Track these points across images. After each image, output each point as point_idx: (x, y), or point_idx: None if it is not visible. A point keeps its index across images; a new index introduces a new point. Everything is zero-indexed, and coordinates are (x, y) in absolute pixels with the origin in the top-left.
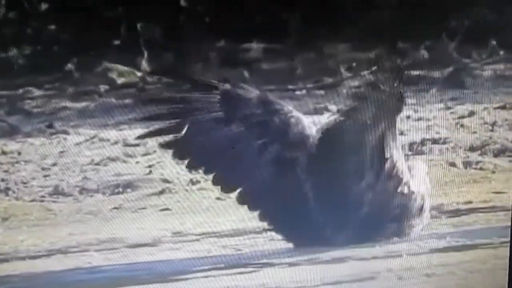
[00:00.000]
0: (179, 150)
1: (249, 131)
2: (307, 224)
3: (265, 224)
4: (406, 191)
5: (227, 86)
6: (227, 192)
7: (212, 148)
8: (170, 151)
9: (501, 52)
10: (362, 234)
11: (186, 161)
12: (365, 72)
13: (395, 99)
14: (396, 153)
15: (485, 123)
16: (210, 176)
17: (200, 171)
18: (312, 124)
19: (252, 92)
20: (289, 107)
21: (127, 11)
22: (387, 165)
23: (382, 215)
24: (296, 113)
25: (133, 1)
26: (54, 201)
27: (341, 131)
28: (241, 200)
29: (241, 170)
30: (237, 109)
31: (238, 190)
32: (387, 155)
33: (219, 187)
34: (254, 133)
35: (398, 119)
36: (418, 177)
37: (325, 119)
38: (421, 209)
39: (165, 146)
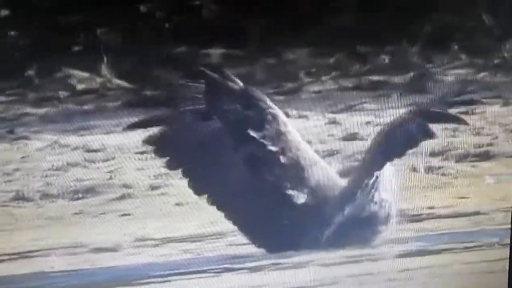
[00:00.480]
0: (159, 149)
1: (226, 128)
2: (275, 226)
3: (225, 229)
4: (376, 197)
5: (214, 75)
6: (198, 194)
7: (190, 147)
8: (152, 148)
9: (463, 57)
10: (330, 239)
11: (165, 160)
12: (326, 77)
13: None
14: None
15: (446, 128)
16: (186, 180)
17: (179, 171)
18: (288, 121)
19: (236, 84)
20: (269, 103)
21: (87, 18)
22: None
23: (352, 220)
24: (274, 110)
25: (92, 8)
26: (16, 206)
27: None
28: (211, 200)
29: (214, 172)
30: (219, 103)
31: (210, 193)
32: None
33: (191, 191)
34: (230, 132)
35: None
36: (386, 183)
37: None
38: (388, 216)
39: (146, 142)
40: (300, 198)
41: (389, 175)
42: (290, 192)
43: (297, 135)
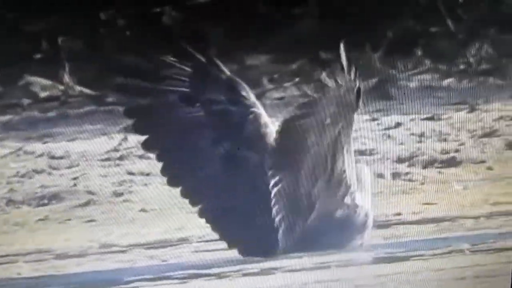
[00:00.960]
0: (140, 123)
1: (207, 118)
2: (249, 229)
3: (191, 235)
4: (350, 202)
5: (202, 59)
6: (172, 186)
7: (170, 131)
8: (131, 121)
9: (427, 62)
10: (306, 243)
11: (143, 138)
12: (288, 84)
13: (351, 96)
14: (348, 158)
15: (413, 134)
16: (160, 164)
17: (153, 154)
18: (270, 123)
19: (223, 73)
20: (253, 99)
21: (48, 25)
22: (337, 170)
23: (326, 225)
24: (258, 109)
25: (53, 15)
26: None
27: (298, 131)
28: (184, 193)
29: (190, 162)
30: (204, 89)
31: (183, 185)
32: (340, 159)
33: (166, 178)
34: (212, 123)
35: (353, 120)
36: (364, 189)
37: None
38: (364, 224)
39: (127, 114)
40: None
41: (368, 180)
42: (265, 194)
43: None
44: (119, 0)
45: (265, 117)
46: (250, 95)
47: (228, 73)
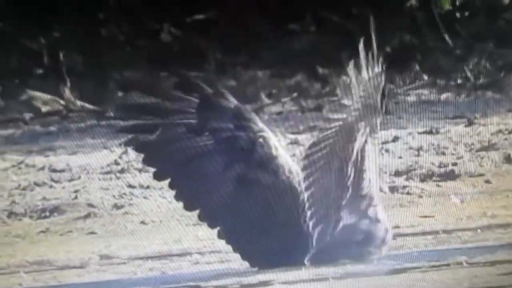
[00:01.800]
0: (150, 156)
1: (217, 146)
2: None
3: (190, 248)
4: (373, 215)
5: (209, 91)
6: (189, 210)
7: (180, 160)
8: (141, 155)
9: (425, 77)
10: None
11: (153, 170)
12: (286, 99)
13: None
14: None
15: (411, 148)
16: (173, 191)
17: (166, 182)
18: (279, 145)
19: (230, 103)
20: (261, 125)
21: (49, 40)
22: (363, 180)
23: (350, 237)
24: (267, 133)
25: (55, 31)
26: None
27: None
28: (202, 217)
29: (204, 187)
30: (211, 119)
31: (199, 209)
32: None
33: (181, 203)
34: (222, 149)
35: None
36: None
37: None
38: (384, 239)
39: (138, 149)
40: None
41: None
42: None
43: (288, 159)
44: (120, 17)
45: (274, 140)
46: (257, 120)
47: (235, 101)
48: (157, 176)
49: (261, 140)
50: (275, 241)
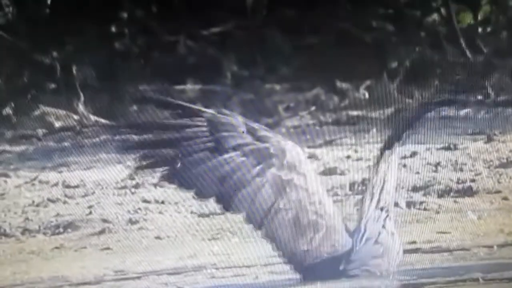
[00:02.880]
0: (182, 183)
1: (246, 158)
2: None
3: (205, 262)
4: (389, 228)
5: (211, 112)
6: (235, 214)
7: (213, 176)
8: (173, 186)
9: (445, 92)
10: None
11: (192, 191)
12: (304, 112)
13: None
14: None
15: (429, 163)
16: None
17: (210, 200)
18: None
19: (237, 120)
20: (275, 137)
21: (63, 55)
22: (384, 190)
23: (370, 249)
24: (285, 143)
25: (68, 45)
26: None
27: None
28: (248, 220)
29: (243, 195)
30: (228, 138)
31: (244, 213)
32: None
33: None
34: (251, 160)
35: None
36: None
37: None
38: (398, 251)
39: (167, 180)
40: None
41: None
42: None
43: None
44: (134, 30)
45: (295, 149)
46: (268, 133)
47: (242, 118)
48: (198, 196)
49: (278, 151)
50: (318, 246)
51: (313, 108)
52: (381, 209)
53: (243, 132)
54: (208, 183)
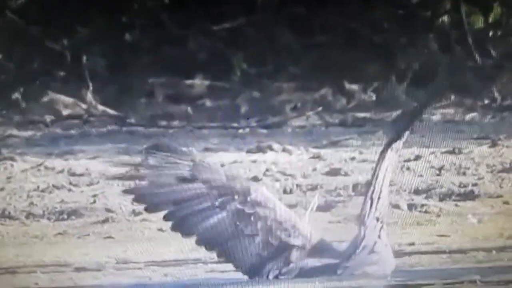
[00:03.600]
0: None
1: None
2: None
3: (205, 256)
4: (383, 237)
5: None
6: (185, 237)
7: (172, 197)
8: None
9: (452, 96)
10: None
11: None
12: (311, 112)
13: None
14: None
15: (432, 167)
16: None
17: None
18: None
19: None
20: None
21: (73, 44)
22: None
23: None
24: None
25: (79, 34)
26: (1, 224)
27: None
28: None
29: (200, 220)
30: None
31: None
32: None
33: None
34: (216, 194)
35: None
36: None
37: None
38: (391, 262)
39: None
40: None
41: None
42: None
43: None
44: (145, 22)
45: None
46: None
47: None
48: (150, 210)
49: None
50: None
51: (320, 108)
52: (377, 219)
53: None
54: (162, 200)
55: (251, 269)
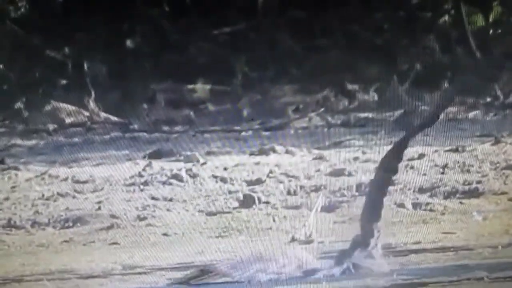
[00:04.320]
0: None
1: None
2: None
3: (211, 259)
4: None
5: None
6: None
7: None
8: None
9: (454, 95)
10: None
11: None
12: (313, 114)
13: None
14: None
15: (436, 165)
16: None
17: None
18: None
19: None
20: None
21: (74, 51)
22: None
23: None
24: None
25: (80, 42)
26: (7, 233)
27: None
28: None
29: None
30: None
31: None
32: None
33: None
34: None
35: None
36: None
37: None
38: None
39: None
40: None
41: None
42: None
43: None
44: (145, 28)
45: None
46: None
47: None
48: None
49: None
50: None
51: (322, 109)
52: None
53: None
54: None
55: None
